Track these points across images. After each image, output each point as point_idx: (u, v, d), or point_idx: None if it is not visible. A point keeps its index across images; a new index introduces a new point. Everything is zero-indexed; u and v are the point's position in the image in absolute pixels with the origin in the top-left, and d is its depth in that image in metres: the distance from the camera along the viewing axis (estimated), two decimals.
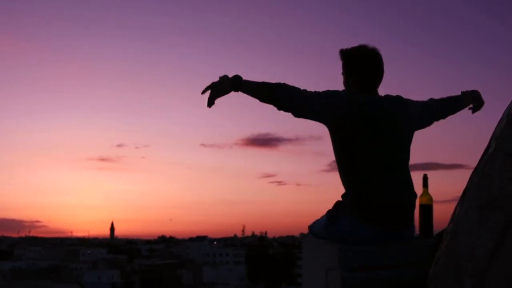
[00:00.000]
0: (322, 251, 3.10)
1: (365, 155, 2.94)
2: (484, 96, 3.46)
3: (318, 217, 3.27)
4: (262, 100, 2.93)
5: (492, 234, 1.78)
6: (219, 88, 2.90)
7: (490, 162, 1.81)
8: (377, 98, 3.05)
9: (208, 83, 2.90)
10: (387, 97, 3.10)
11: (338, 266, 2.89)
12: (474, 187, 1.89)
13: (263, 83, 2.92)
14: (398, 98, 3.12)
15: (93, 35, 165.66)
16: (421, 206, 3.31)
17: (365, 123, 2.92)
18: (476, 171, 1.91)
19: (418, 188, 3.19)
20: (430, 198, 3.38)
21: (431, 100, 3.33)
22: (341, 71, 3.15)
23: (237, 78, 2.88)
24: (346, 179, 3.03)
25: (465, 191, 1.95)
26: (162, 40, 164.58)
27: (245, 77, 2.90)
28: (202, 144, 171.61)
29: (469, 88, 3.44)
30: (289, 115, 2.95)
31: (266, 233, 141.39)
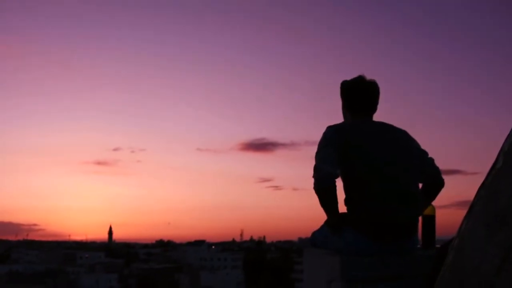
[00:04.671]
0: (324, 262, 3.08)
1: (359, 177, 2.98)
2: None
3: (316, 222, 3.31)
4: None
5: (499, 250, 1.75)
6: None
7: (498, 178, 1.79)
8: (365, 123, 3.16)
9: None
10: (382, 124, 3.19)
11: (340, 278, 2.87)
12: (481, 202, 1.86)
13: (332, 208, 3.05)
14: (393, 127, 3.18)
15: (89, 38, 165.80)
16: (423, 216, 3.29)
17: (348, 147, 3.00)
18: (483, 186, 1.88)
19: None
20: (433, 208, 3.36)
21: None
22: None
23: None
24: (347, 195, 3.05)
25: (472, 205, 1.93)
26: (158, 42, 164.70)
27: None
28: (198, 149, 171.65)
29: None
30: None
31: (264, 237, 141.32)
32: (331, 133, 3.07)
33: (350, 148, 3.00)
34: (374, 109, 3.24)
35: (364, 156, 2.99)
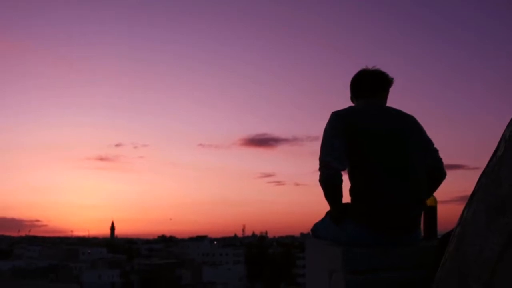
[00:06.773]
0: (326, 253, 3.08)
1: (365, 161, 2.97)
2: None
3: (318, 217, 3.29)
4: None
5: (500, 237, 1.76)
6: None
7: (499, 165, 1.79)
8: (370, 107, 3.13)
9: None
10: (389, 108, 3.17)
11: (341, 268, 2.88)
12: (482, 189, 1.86)
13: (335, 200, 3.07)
14: (400, 112, 3.16)
15: (91, 33, 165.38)
16: (424, 207, 3.28)
17: (353, 131, 2.99)
18: (484, 173, 1.89)
19: None
20: (434, 199, 3.36)
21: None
22: None
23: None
24: (352, 185, 3.04)
25: (473, 193, 1.93)
26: (161, 38, 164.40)
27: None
28: (200, 144, 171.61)
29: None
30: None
31: (266, 232, 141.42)
32: (335, 118, 3.07)
33: (355, 132, 2.98)
34: (377, 94, 3.19)
35: (369, 143, 2.97)
